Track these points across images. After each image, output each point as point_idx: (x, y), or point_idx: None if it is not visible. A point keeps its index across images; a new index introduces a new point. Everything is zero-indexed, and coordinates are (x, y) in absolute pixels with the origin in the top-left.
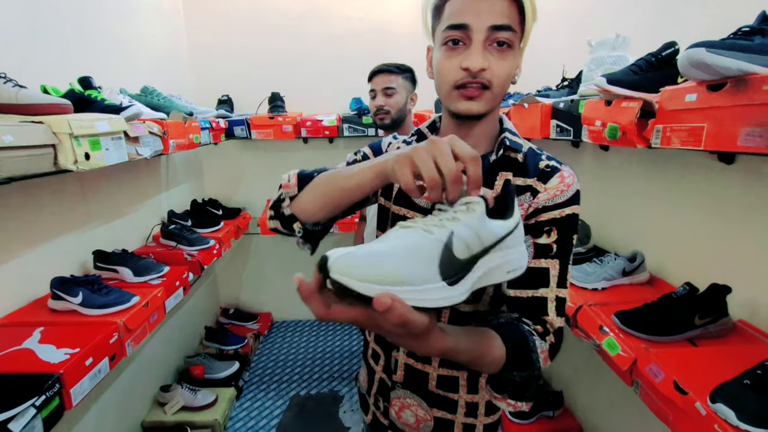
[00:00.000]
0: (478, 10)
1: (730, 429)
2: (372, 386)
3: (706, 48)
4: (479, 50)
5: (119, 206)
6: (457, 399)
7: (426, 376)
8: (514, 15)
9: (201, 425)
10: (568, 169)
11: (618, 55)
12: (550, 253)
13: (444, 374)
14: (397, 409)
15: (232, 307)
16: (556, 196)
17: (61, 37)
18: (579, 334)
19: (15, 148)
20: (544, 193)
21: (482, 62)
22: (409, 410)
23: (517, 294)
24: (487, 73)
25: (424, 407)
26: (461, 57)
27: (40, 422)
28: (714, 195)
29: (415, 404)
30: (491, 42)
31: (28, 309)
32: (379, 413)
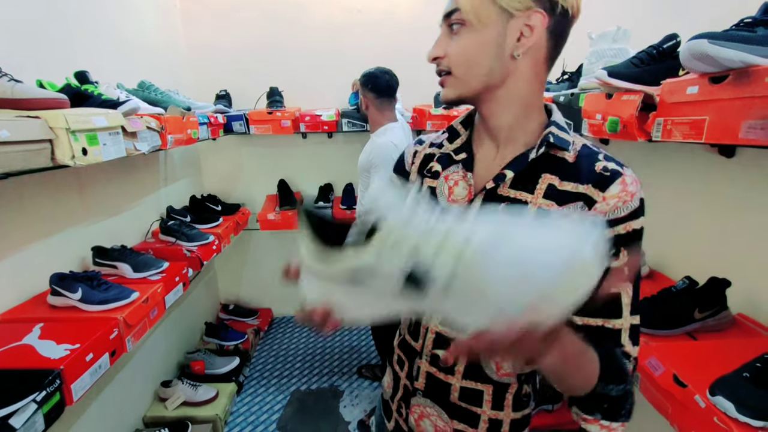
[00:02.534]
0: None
1: (729, 421)
2: (397, 392)
3: (708, 39)
4: (437, 40)
5: (118, 202)
6: (480, 414)
7: (448, 387)
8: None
9: (202, 420)
10: (630, 173)
11: (619, 48)
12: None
13: (468, 386)
14: (417, 416)
15: (232, 303)
16: (616, 209)
17: (57, 31)
18: None
19: (11, 143)
20: (603, 203)
21: (433, 51)
22: (429, 419)
23: (587, 322)
24: (444, 60)
25: (444, 418)
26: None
27: (42, 418)
28: (714, 189)
29: (435, 414)
30: (449, 29)
31: (28, 305)
32: (401, 420)
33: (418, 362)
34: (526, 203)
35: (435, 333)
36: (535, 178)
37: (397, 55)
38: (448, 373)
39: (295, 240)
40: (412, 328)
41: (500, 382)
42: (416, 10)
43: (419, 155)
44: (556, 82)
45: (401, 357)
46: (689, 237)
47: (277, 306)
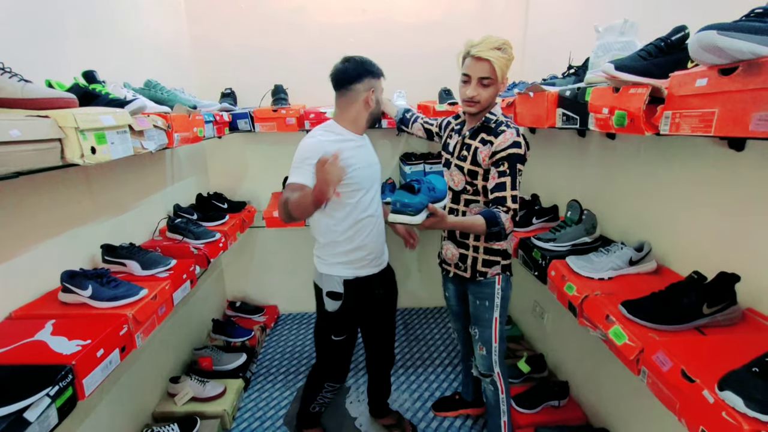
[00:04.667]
0: (474, 69)
1: (737, 416)
2: (441, 246)
3: (717, 30)
4: (473, 87)
5: (126, 200)
6: (468, 243)
7: (455, 233)
8: (493, 70)
9: (210, 415)
10: (511, 130)
11: (626, 41)
12: (506, 174)
13: (463, 234)
14: (445, 250)
15: (238, 300)
16: (500, 145)
17: (65, 31)
18: (585, 324)
19: (22, 142)
20: (495, 143)
21: (473, 93)
22: (450, 251)
23: (492, 195)
24: (476, 97)
25: (453, 248)
26: (465, 89)
27: (55, 412)
28: (723, 183)
29: (451, 247)
30: (479, 82)
31: (40, 302)
32: (440, 258)
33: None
34: (470, 144)
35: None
36: (477, 135)
37: (402, 53)
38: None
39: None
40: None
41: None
42: (420, 10)
43: (449, 126)
44: (562, 76)
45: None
46: (698, 231)
47: (284, 303)
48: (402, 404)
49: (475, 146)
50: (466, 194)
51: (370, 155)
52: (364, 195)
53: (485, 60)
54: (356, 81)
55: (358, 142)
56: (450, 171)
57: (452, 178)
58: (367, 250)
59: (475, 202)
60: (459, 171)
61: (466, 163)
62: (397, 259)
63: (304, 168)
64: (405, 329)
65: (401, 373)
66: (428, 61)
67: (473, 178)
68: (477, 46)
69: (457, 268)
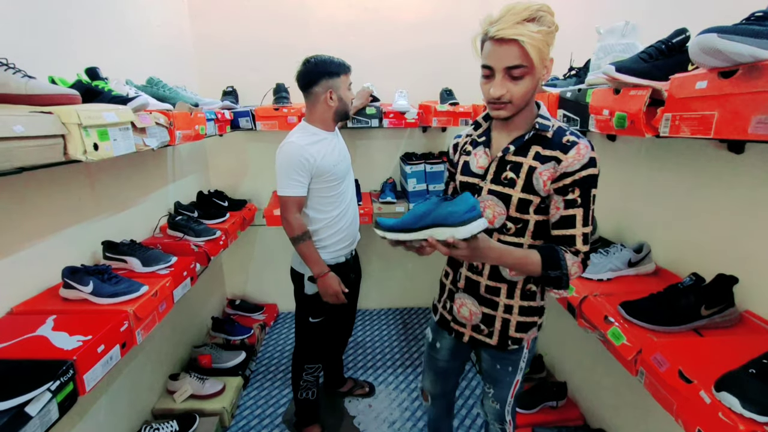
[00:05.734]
0: (497, 56)
1: (734, 417)
2: (443, 295)
3: (717, 33)
4: (499, 83)
5: (127, 197)
6: (498, 301)
7: (478, 284)
8: (526, 54)
9: (209, 413)
10: (584, 142)
11: (627, 43)
12: (576, 205)
13: (490, 284)
14: (458, 306)
15: (238, 298)
16: (572, 164)
17: (68, 28)
18: (584, 325)
19: (26, 138)
20: (565, 161)
21: (499, 92)
22: (466, 307)
23: (557, 233)
24: (505, 96)
25: (476, 305)
26: (490, 85)
27: (56, 406)
28: (722, 185)
29: (469, 303)
30: (508, 75)
31: (41, 298)
32: (446, 312)
33: (460, 270)
34: (521, 164)
35: None
36: (527, 148)
37: (404, 51)
38: (479, 275)
39: None
40: None
41: (511, 280)
42: (422, 8)
43: (460, 144)
44: (563, 77)
45: (447, 270)
46: (696, 233)
47: (283, 301)
48: (401, 403)
49: (528, 165)
50: (505, 234)
51: (344, 148)
52: (342, 184)
53: (512, 41)
54: (314, 84)
55: (332, 140)
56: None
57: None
58: (346, 235)
59: (515, 247)
60: (498, 201)
61: (514, 189)
62: (395, 257)
63: (293, 179)
64: (404, 329)
65: (400, 372)
66: (430, 60)
67: (523, 211)
68: (498, 22)
69: (476, 332)
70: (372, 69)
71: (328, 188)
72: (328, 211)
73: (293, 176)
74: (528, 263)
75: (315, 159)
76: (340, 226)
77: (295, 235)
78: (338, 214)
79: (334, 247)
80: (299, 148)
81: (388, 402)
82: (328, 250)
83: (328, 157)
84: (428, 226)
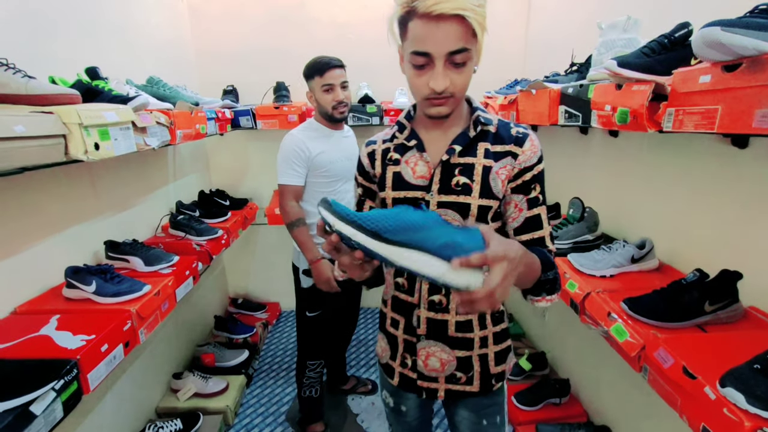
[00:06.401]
0: (436, 39)
1: (739, 413)
2: (396, 351)
3: (721, 27)
4: (440, 73)
5: (128, 197)
6: (472, 337)
7: (445, 324)
8: (468, 34)
9: (213, 411)
10: (533, 134)
11: (629, 38)
12: (539, 203)
13: (460, 320)
14: (424, 358)
15: (240, 297)
16: (531, 158)
17: (68, 28)
18: (587, 321)
19: (26, 138)
20: (523, 155)
21: (444, 84)
22: (434, 357)
23: (525, 238)
24: (449, 88)
25: (447, 351)
26: (427, 77)
27: (60, 405)
28: (726, 180)
29: (439, 350)
30: (450, 62)
31: (44, 297)
32: (407, 370)
33: (417, 312)
34: (473, 165)
35: (428, 284)
36: (474, 147)
37: None
38: (444, 312)
39: None
40: (405, 287)
41: None
42: None
43: (377, 153)
44: (564, 73)
45: (395, 318)
46: (700, 229)
47: (285, 300)
48: None
49: (482, 165)
50: None
51: (350, 149)
52: (339, 183)
53: (453, 18)
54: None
55: (336, 138)
56: None
57: None
58: None
59: None
60: (455, 213)
61: (471, 196)
62: None
63: (289, 168)
64: None
65: None
66: None
67: (481, 220)
68: None
69: (452, 382)
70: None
71: (325, 183)
72: None
73: (289, 165)
74: (535, 264)
75: (310, 151)
76: None
77: (290, 221)
78: None
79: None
80: (297, 139)
81: None
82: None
83: (326, 153)
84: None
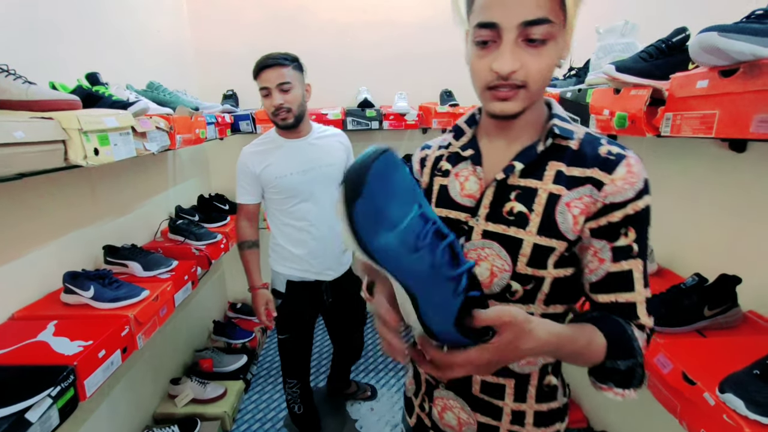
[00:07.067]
0: (505, 4)
1: (738, 419)
2: (419, 387)
3: (718, 32)
4: (509, 50)
5: (128, 202)
6: (502, 406)
7: (469, 380)
8: (553, 2)
9: (211, 417)
10: (634, 155)
11: (627, 42)
12: (631, 255)
13: (488, 381)
14: (440, 409)
15: (239, 302)
16: (624, 190)
17: (68, 33)
18: None
19: (26, 144)
20: (611, 185)
21: (512, 64)
22: (451, 412)
23: (605, 300)
24: (519, 73)
25: (467, 410)
26: (491, 57)
27: (56, 412)
28: (724, 184)
29: (457, 406)
30: (524, 38)
31: (42, 303)
32: (424, 414)
33: None
34: (536, 190)
35: None
36: (542, 166)
37: (402, 53)
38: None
39: None
40: None
41: (521, 373)
42: (421, 10)
43: (429, 159)
44: (563, 77)
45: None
46: (699, 234)
47: None
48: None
49: (548, 192)
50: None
51: (321, 155)
52: (298, 204)
53: None
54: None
55: (286, 146)
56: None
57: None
58: (308, 259)
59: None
60: (500, 249)
61: (526, 230)
62: None
63: (240, 186)
64: None
65: (401, 375)
66: (429, 62)
67: (538, 264)
68: None
69: None
70: (371, 71)
71: (278, 201)
72: (289, 225)
73: (239, 183)
74: (592, 352)
75: (254, 167)
76: (303, 244)
77: (237, 243)
78: (294, 231)
79: (298, 263)
80: (243, 154)
81: (390, 405)
82: (290, 264)
83: (272, 167)
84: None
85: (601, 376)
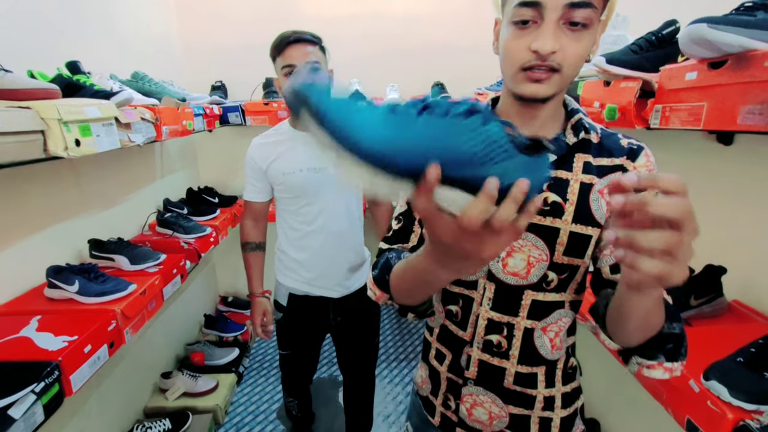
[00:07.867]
0: None
1: (722, 405)
2: (438, 387)
3: (707, 24)
4: (551, 30)
5: (114, 194)
6: (535, 395)
7: (503, 372)
8: None
9: (202, 410)
10: (648, 148)
11: (617, 35)
12: None
13: (523, 371)
14: (469, 406)
15: (230, 295)
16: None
17: (49, 21)
18: None
19: (2, 134)
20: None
21: (553, 44)
22: (482, 407)
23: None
24: (557, 55)
25: (499, 404)
26: (531, 37)
27: (41, 408)
28: (711, 176)
29: (489, 401)
30: (565, 21)
31: (25, 298)
32: (450, 412)
33: (467, 351)
34: (567, 180)
35: (487, 320)
36: (570, 158)
37: (393, 46)
38: (503, 358)
39: None
40: (459, 318)
41: (552, 359)
42: (410, 1)
43: None
44: None
45: (441, 351)
46: None
47: None
48: (395, 396)
49: (581, 182)
50: (543, 291)
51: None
52: (306, 206)
53: None
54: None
55: (300, 139)
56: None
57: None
58: (311, 270)
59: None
60: (536, 239)
61: (563, 220)
62: None
63: (247, 182)
64: (398, 323)
65: (394, 366)
66: (420, 54)
67: (575, 253)
68: None
69: None
70: (362, 64)
71: (286, 200)
72: (294, 228)
73: (247, 178)
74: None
75: (260, 161)
76: (307, 251)
77: (241, 243)
78: (301, 236)
79: (299, 272)
80: (251, 146)
81: (382, 396)
82: (292, 275)
83: (278, 162)
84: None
85: (654, 348)
